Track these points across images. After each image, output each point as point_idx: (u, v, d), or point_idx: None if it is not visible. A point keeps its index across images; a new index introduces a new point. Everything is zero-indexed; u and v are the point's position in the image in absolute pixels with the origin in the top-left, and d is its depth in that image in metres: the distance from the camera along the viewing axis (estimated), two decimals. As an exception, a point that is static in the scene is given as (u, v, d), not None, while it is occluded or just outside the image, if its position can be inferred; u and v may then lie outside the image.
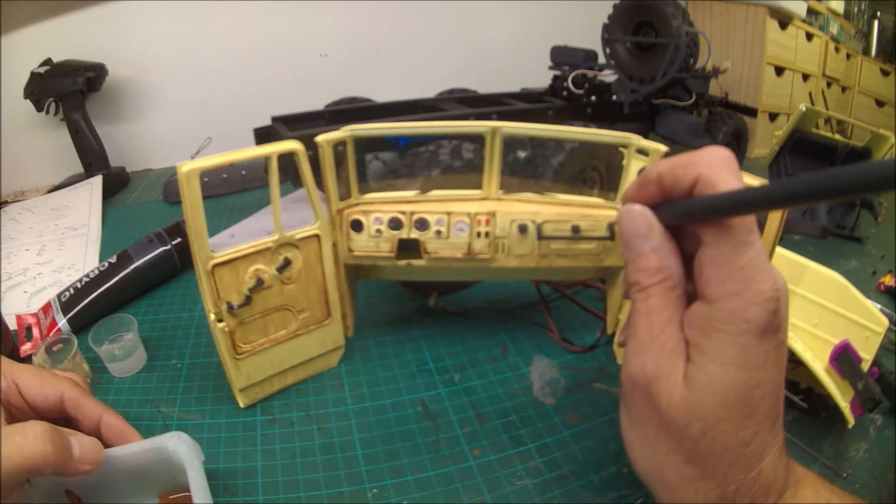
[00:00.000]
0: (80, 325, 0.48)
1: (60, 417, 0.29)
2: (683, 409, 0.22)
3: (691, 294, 0.24)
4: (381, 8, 0.98)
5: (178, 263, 0.56)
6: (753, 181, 0.33)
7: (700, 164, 0.22)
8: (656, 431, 0.23)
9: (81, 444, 0.26)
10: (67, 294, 0.49)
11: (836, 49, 1.14)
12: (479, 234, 0.38)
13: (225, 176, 0.78)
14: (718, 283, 0.21)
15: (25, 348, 0.46)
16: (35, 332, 0.48)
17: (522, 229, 0.38)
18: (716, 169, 0.22)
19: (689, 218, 0.23)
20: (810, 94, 1.04)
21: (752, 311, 0.21)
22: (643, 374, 0.23)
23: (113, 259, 0.53)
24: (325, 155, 0.36)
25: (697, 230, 0.23)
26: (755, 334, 0.21)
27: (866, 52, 1.22)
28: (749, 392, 0.21)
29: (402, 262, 0.39)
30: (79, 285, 0.50)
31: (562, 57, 0.79)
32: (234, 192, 0.79)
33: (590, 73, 0.74)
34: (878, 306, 0.47)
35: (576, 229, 0.38)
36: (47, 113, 0.80)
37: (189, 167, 0.31)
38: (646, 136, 0.38)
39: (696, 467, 0.22)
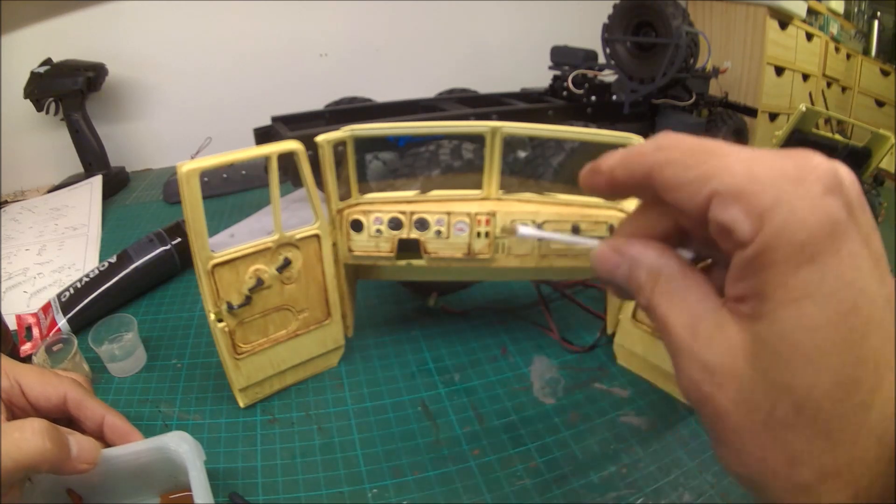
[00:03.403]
0: (80, 325, 0.48)
1: (62, 417, 0.29)
2: (762, 388, 0.16)
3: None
4: (381, 8, 0.98)
5: (178, 263, 0.56)
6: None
7: (663, 150, 0.18)
8: (753, 439, 0.17)
9: (79, 444, 0.26)
10: (67, 294, 0.49)
11: (836, 49, 1.14)
12: (479, 234, 0.38)
13: (225, 176, 0.78)
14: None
15: (25, 348, 0.46)
16: (35, 332, 0.48)
17: (522, 229, 0.38)
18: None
19: None
20: (810, 94, 1.04)
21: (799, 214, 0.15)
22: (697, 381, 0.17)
23: (113, 259, 0.53)
24: (325, 155, 0.36)
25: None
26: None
27: (866, 52, 1.21)
28: (845, 321, 0.15)
29: (402, 262, 0.39)
30: (79, 285, 0.50)
31: (562, 57, 0.79)
32: (234, 192, 0.79)
33: (590, 73, 0.74)
34: (878, 306, 0.47)
35: (576, 229, 0.38)
36: (47, 113, 0.80)
37: (189, 167, 0.31)
38: (646, 136, 0.38)
39: (822, 441, 0.15)
